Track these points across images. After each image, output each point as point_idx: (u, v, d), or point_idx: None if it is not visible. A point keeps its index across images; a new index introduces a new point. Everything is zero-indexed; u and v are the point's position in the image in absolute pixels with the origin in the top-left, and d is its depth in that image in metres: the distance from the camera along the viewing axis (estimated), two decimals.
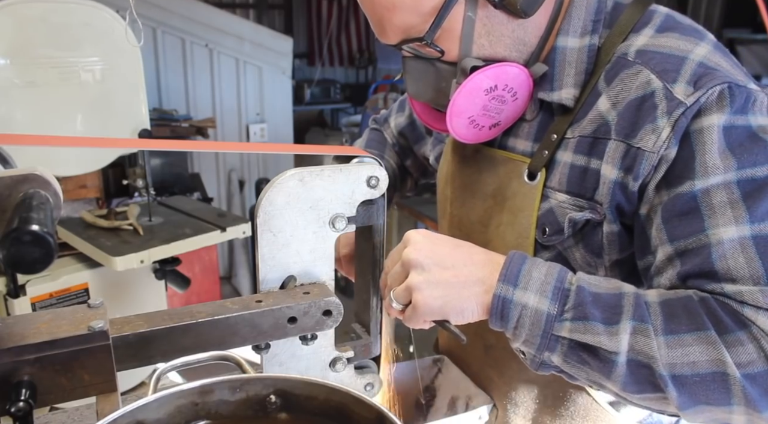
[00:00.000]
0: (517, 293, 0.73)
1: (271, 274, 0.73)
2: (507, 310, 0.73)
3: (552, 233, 0.86)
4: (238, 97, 4.16)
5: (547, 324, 0.72)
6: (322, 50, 6.44)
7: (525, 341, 0.74)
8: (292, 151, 3.65)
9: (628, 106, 0.78)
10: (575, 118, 0.84)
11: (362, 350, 0.83)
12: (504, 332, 0.76)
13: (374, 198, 0.76)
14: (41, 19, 1.47)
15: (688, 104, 0.73)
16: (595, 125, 0.82)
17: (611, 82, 0.81)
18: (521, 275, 0.73)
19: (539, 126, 0.90)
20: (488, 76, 0.83)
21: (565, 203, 0.85)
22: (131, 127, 1.63)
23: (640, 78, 0.78)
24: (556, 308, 0.72)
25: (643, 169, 0.76)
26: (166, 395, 0.57)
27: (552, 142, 0.86)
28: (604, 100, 0.81)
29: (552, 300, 0.72)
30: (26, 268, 0.48)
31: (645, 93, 0.77)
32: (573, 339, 0.71)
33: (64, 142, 0.73)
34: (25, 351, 0.55)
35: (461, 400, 1.06)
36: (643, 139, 0.76)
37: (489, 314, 0.75)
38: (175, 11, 3.78)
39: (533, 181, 0.88)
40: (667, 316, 0.71)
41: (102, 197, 2.42)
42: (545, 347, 0.73)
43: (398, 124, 1.29)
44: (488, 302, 0.74)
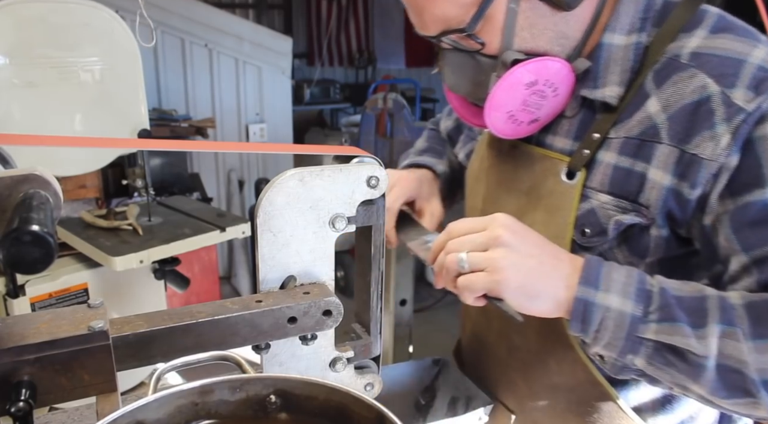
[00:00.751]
0: (599, 296, 0.71)
1: (271, 274, 0.73)
2: (589, 313, 0.71)
3: (594, 235, 0.84)
4: (238, 97, 4.17)
5: (631, 326, 0.70)
6: (322, 50, 6.44)
7: (607, 344, 0.73)
8: (291, 151, 3.65)
9: (682, 110, 0.76)
10: (619, 118, 0.82)
11: (362, 350, 0.83)
12: (582, 336, 0.74)
13: (374, 198, 0.76)
14: (41, 19, 1.47)
15: (750, 111, 0.72)
16: (643, 127, 0.79)
17: (662, 84, 0.79)
18: (601, 277, 0.72)
19: (580, 124, 0.87)
20: (529, 71, 0.81)
21: (608, 205, 0.83)
22: (131, 127, 1.63)
23: (694, 82, 0.75)
24: (641, 310, 0.70)
25: (701, 178, 0.75)
26: (166, 395, 0.57)
27: (594, 141, 0.84)
28: (654, 102, 0.79)
29: (636, 301, 0.70)
30: (26, 268, 0.48)
31: (700, 98, 0.74)
32: (659, 341, 0.70)
33: (63, 142, 0.73)
34: (25, 351, 0.55)
35: (461, 401, 1.06)
36: (699, 146, 0.74)
37: (568, 317, 0.73)
38: (174, 11, 3.78)
39: (572, 180, 0.86)
40: (753, 319, 0.69)
41: (101, 197, 2.42)
42: (629, 349, 0.72)
43: (446, 128, 1.30)
44: (565, 300, 0.73)
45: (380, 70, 6.74)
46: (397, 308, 3.13)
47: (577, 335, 0.75)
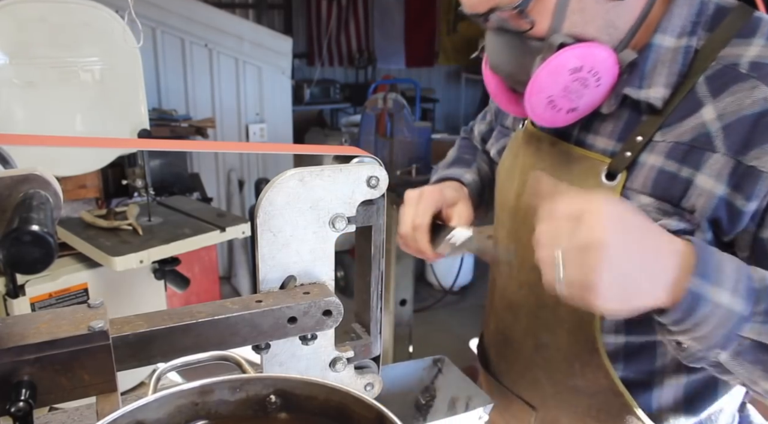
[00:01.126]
0: (711, 290, 0.66)
1: (271, 274, 0.73)
2: (696, 305, 0.66)
3: None
4: (238, 97, 4.17)
5: (735, 325, 0.67)
6: (322, 50, 6.44)
7: (701, 337, 0.69)
8: (291, 151, 3.65)
9: (741, 121, 0.74)
10: (666, 122, 0.81)
11: (362, 350, 0.83)
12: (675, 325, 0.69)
13: (374, 198, 0.76)
14: (41, 19, 1.47)
15: None
16: (695, 134, 0.78)
17: (720, 92, 0.77)
18: (713, 269, 0.67)
19: (624, 126, 0.86)
20: (576, 56, 0.79)
21: (650, 207, 0.81)
22: (131, 127, 1.63)
23: (756, 93, 0.74)
24: (749, 310, 0.67)
25: (759, 190, 0.74)
26: (166, 395, 0.57)
27: (637, 144, 0.82)
28: (710, 110, 0.77)
29: (746, 300, 0.67)
30: (26, 268, 0.48)
31: (762, 110, 0.73)
32: (758, 340, 0.68)
33: (63, 142, 0.73)
34: (25, 351, 0.55)
35: (461, 400, 1.06)
36: (759, 159, 0.73)
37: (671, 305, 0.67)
38: (174, 11, 3.78)
39: (612, 181, 0.84)
40: None
41: (101, 197, 2.41)
42: (721, 344, 0.69)
43: (480, 132, 1.31)
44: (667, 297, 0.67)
45: (380, 70, 6.74)
46: (397, 308, 3.14)
47: (667, 322, 0.70)
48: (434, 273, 4.34)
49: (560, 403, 1.01)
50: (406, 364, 1.12)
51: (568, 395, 0.99)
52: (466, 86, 7.02)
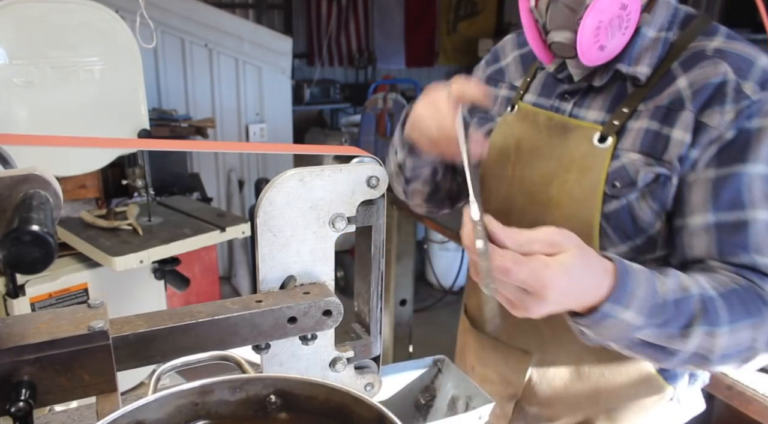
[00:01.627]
0: (619, 311, 0.78)
1: (271, 274, 0.73)
2: (605, 320, 0.78)
3: (623, 186, 0.97)
4: (238, 97, 4.17)
5: (632, 332, 0.80)
6: (322, 50, 6.44)
7: (600, 334, 0.81)
8: (291, 151, 3.65)
9: (705, 87, 0.92)
10: (648, 95, 0.98)
11: (362, 350, 0.83)
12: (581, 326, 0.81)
13: (374, 198, 0.76)
14: (41, 19, 1.47)
15: (754, 100, 0.90)
16: (672, 98, 0.95)
17: (690, 68, 0.95)
18: (627, 294, 0.78)
19: (612, 100, 1.02)
20: None
21: (638, 161, 0.96)
22: (131, 127, 1.63)
23: (719, 68, 0.93)
24: (645, 322, 0.79)
25: (702, 140, 0.92)
26: (166, 395, 0.57)
27: (624, 114, 0.99)
28: (683, 80, 0.95)
29: (647, 318, 0.79)
30: (26, 268, 0.48)
31: (721, 81, 0.92)
32: (647, 341, 0.82)
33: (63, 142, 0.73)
34: (25, 351, 0.55)
35: (461, 400, 1.06)
36: (710, 117, 0.91)
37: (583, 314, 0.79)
38: (174, 11, 3.78)
39: (603, 144, 0.99)
40: (729, 310, 0.83)
41: (101, 197, 2.42)
42: (615, 341, 0.82)
43: None
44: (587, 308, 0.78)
45: (380, 70, 6.73)
46: (397, 308, 3.14)
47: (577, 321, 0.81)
48: (434, 273, 4.34)
49: (558, 343, 1.11)
50: (406, 364, 1.12)
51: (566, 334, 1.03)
52: None
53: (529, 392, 1.19)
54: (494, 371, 1.25)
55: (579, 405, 1.16)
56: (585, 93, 1.05)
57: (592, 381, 1.12)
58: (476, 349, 1.29)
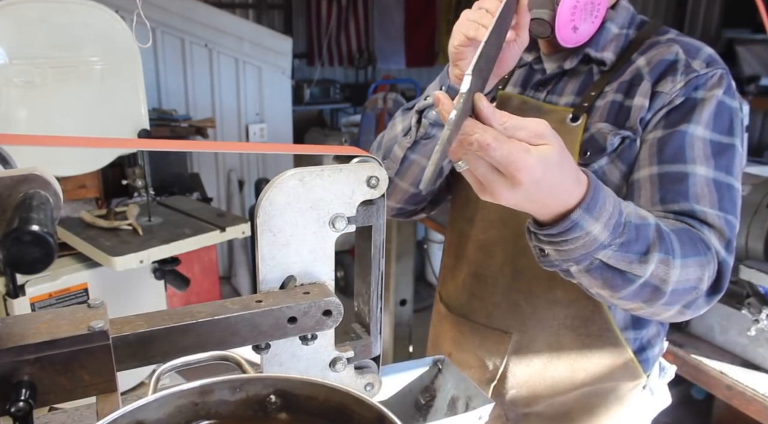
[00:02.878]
0: (588, 222, 0.79)
1: (271, 274, 0.73)
2: (573, 231, 0.79)
3: (593, 153, 1.07)
4: (238, 97, 4.17)
5: (595, 249, 0.81)
6: (322, 50, 6.44)
7: (562, 252, 0.82)
8: (291, 151, 3.65)
9: (660, 63, 1.07)
10: (613, 78, 1.10)
11: (362, 350, 0.83)
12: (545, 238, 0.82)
13: (374, 198, 0.76)
14: (41, 19, 1.47)
15: (700, 73, 1.04)
16: (632, 75, 1.08)
17: (646, 52, 1.10)
18: (598, 205, 0.79)
19: (581, 84, 1.13)
20: None
21: (604, 128, 1.06)
22: (131, 127, 1.63)
23: (672, 49, 1.07)
24: (609, 240, 0.81)
25: (656, 105, 1.04)
26: (166, 395, 0.57)
27: (591, 97, 1.10)
28: (642, 60, 1.09)
29: (611, 233, 0.81)
30: (26, 268, 0.48)
31: (673, 59, 1.06)
32: (607, 263, 0.84)
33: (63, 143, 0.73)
34: (25, 351, 0.55)
35: (461, 400, 1.06)
36: (663, 85, 1.05)
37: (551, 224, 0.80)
38: (174, 11, 3.78)
39: (575, 123, 1.09)
40: (680, 245, 0.89)
41: (101, 197, 2.41)
42: (576, 260, 0.83)
43: None
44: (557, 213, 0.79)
45: (380, 70, 6.73)
46: (397, 308, 3.14)
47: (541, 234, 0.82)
48: (434, 273, 4.34)
49: (537, 321, 1.16)
50: (406, 364, 1.12)
51: (546, 310, 1.15)
52: None
53: (508, 374, 1.22)
54: (473, 354, 1.27)
55: (556, 387, 1.19)
56: (557, 82, 1.16)
57: (569, 361, 1.17)
58: (453, 334, 1.31)
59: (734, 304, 1.77)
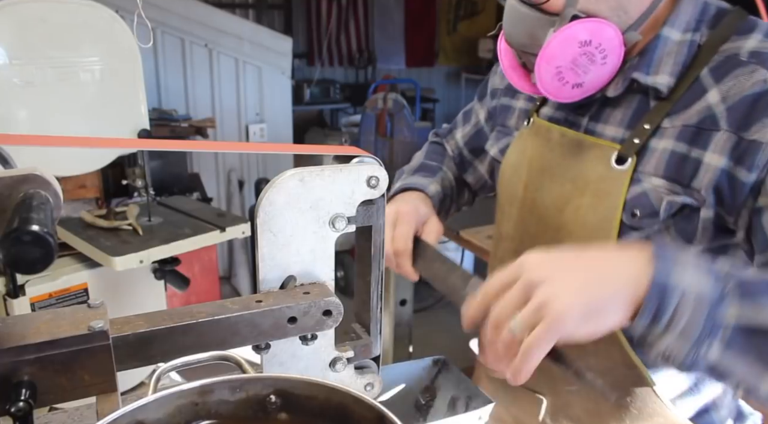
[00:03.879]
0: (675, 275, 0.63)
1: (271, 274, 0.73)
2: (666, 296, 0.63)
3: (644, 216, 0.87)
4: (238, 97, 4.16)
5: (712, 307, 0.63)
6: (322, 50, 6.44)
7: (682, 332, 0.64)
8: (291, 151, 3.65)
9: (742, 101, 0.81)
10: (673, 109, 0.87)
11: (362, 350, 0.83)
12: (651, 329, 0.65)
13: (374, 198, 0.76)
14: (41, 19, 1.47)
15: None
16: (702, 117, 0.84)
17: (722, 78, 0.84)
18: (672, 256, 0.65)
19: (633, 114, 0.91)
20: (586, 29, 0.84)
21: (661, 188, 0.86)
22: (131, 127, 1.63)
23: (756, 76, 0.81)
24: (720, 289, 0.63)
25: (758, 161, 0.78)
26: (166, 395, 0.57)
27: (645, 130, 0.88)
28: (714, 93, 0.84)
29: (714, 280, 0.64)
30: (26, 268, 0.48)
31: (762, 90, 0.80)
32: (741, 323, 0.64)
33: (63, 143, 0.73)
34: (25, 351, 0.55)
35: (461, 400, 1.05)
36: (759, 132, 0.78)
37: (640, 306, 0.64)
38: (174, 11, 3.78)
39: (622, 166, 0.89)
40: None
41: (101, 197, 2.42)
42: (706, 335, 0.63)
43: (465, 135, 1.29)
44: (634, 295, 0.64)
45: (380, 70, 6.73)
46: (397, 308, 3.14)
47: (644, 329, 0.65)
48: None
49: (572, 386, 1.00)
50: (406, 364, 1.12)
51: None
52: (466, 86, 7.02)
53: None
54: (506, 411, 1.18)
55: None
56: (602, 105, 0.95)
57: None
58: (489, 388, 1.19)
59: None
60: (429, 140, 1.38)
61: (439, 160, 1.30)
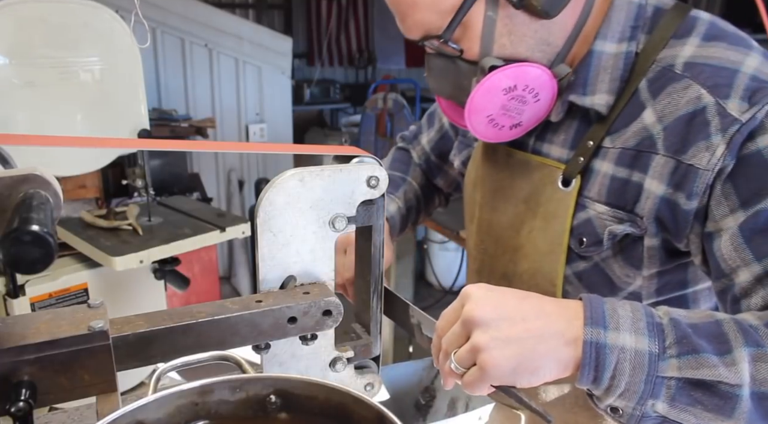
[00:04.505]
0: (610, 336, 0.64)
1: (271, 274, 0.73)
2: (603, 357, 0.64)
3: (590, 244, 0.85)
4: (238, 97, 4.16)
5: (651, 366, 0.64)
6: (322, 50, 6.44)
7: (624, 392, 0.65)
8: (291, 151, 3.65)
9: (677, 121, 0.76)
10: (614, 128, 0.83)
11: (362, 350, 0.83)
12: (594, 388, 0.66)
13: (374, 198, 0.76)
14: (41, 19, 1.47)
15: (744, 121, 0.71)
16: (639, 138, 0.80)
17: (657, 94, 0.79)
18: (607, 315, 0.66)
19: (575, 133, 0.88)
20: (507, 76, 0.82)
21: (605, 215, 0.83)
22: (131, 127, 1.63)
23: (689, 93, 0.75)
24: (657, 346, 0.64)
25: (697, 188, 0.74)
26: (166, 395, 0.57)
27: (588, 148, 0.84)
28: (650, 113, 0.79)
29: (650, 337, 0.64)
30: (26, 268, 0.48)
31: (696, 108, 0.74)
32: (683, 378, 0.64)
33: (63, 142, 0.73)
34: (25, 351, 0.55)
35: (461, 401, 1.06)
36: (695, 156, 0.74)
37: (578, 368, 0.65)
38: (174, 11, 3.78)
39: (567, 188, 0.86)
40: None
41: (101, 197, 2.42)
42: (649, 393, 0.64)
43: (430, 140, 1.26)
44: (570, 357, 0.65)
45: (380, 70, 6.73)
46: None
47: (588, 387, 0.67)
48: (434, 273, 4.34)
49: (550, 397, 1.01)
50: (406, 364, 1.12)
51: (554, 389, 1.00)
52: None
53: None
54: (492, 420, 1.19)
55: None
56: (545, 126, 0.91)
57: None
58: None
59: None
60: (396, 146, 1.35)
61: (403, 170, 1.27)
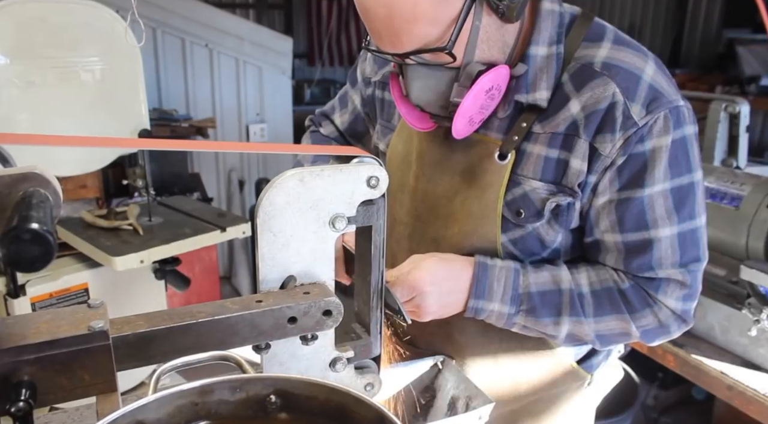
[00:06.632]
0: (484, 304, 1.00)
1: (271, 274, 0.73)
2: (479, 313, 1.02)
3: (530, 216, 1.01)
4: (238, 97, 4.16)
5: (507, 319, 1.02)
6: (322, 50, 6.44)
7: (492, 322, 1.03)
8: (292, 151, 3.65)
9: (596, 113, 0.94)
10: (544, 115, 0.98)
11: (362, 350, 0.82)
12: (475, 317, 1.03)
13: (374, 198, 0.76)
14: (41, 19, 1.47)
15: (640, 126, 0.92)
16: (567, 124, 0.97)
17: (581, 88, 0.95)
18: (486, 290, 1.00)
19: (510, 121, 1.02)
20: (489, 79, 0.93)
21: (540, 189, 1.00)
22: (131, 127, 1.64)
23: (608, 90, 0.94)
24: (514, 309, 1.01)
25: (597, 167, 0.96)
26: (166, 395, 0.57)
27: (522, 129, 0.99)
28: (576, 103, 0.96)
29: (510, 305, 1.01)
30: (26, 266, 0.48)
31: (611, 103, 0.93)
32: (526, 326, 1.02)
33: (64, 142, 0.73)
34: (25, 351, 0.55)
35: (461, 400, 1.06)
36: (601, 144, 0.94)
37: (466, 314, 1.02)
38: (175, 11, 3.78)
39: (503, 161, 1.00)
40: (596, 306, 1.00)
41: (102, 197, 2.42)
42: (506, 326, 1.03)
43: (344, 121, 1.35)
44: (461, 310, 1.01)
45: None
46: None
47: None
48: None
49: (473, 348, 1.15)
50: (406, 364, 1.12)
51: (481, 338, 1.14)
52: None
53: None
54: None
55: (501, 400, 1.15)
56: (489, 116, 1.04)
57: (510, 377, 1.16)
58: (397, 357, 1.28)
59: (735, 304, 1.77)
60: (308, 130, 1.42)
61: None
